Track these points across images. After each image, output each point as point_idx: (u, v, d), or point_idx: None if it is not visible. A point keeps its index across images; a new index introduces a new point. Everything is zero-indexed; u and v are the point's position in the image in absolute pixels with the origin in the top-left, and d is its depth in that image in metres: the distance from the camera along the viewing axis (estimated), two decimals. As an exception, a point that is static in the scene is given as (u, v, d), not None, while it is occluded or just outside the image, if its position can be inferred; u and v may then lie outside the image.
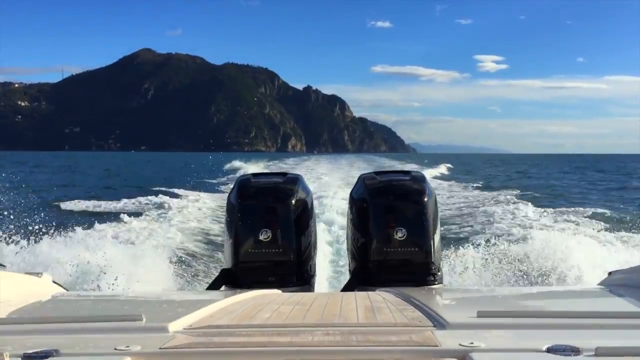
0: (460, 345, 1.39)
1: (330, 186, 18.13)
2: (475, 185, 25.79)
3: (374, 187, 3.60)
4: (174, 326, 1.64)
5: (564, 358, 1.29)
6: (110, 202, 17.03)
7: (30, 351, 1.35)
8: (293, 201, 3.57)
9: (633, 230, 10.48)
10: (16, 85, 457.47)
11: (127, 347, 1.40)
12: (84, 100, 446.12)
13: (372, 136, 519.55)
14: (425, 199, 3.48)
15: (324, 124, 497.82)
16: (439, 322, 1.69)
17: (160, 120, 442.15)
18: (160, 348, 1.41)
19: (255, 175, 3.85)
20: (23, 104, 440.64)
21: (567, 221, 12.47)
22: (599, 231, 10.88)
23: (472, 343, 1.39)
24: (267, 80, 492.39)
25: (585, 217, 13.27)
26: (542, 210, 14.26)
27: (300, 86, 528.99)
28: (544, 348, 1.34)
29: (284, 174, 3.87)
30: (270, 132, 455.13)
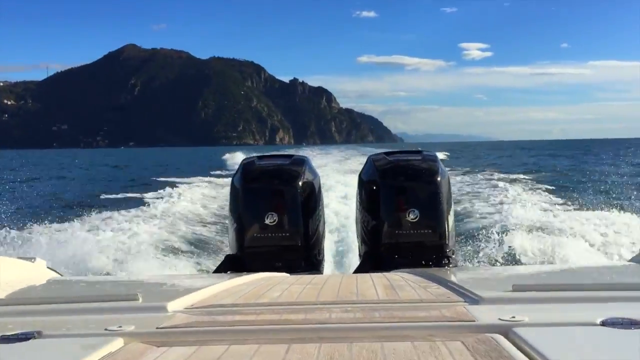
0: (500, 319, 1.27)
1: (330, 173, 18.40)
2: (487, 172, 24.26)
3: (383, 168, 3.45)
4: (173, 306, 1.54)
5: (623, 331, 1.18)
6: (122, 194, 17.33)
7: (10, 333, 1.27)
8: (300, 183, 3.41)
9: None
10: (1, 84, 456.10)
11: (120, 327, 1.30)
12: (70, 97, 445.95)
13: (359, 127, 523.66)
14: (438, 179, 3.35)
15: (311, 116, 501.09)
16: (470, 298, 1.56)
17: (147, 116, 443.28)
18: (157, 328, 1.31)
19: (260, 157, 3.68)
20: (9, 102, 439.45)
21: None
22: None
23: (513, 317, 1.28)
24: (254, 74, 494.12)
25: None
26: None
27: (286, 79, 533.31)
28: (598, 321, 1.23)
29: (289, 156, 3.70)
30: (258, 125, 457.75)
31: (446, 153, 42.65)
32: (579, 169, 28.90)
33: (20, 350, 1.20)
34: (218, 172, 27.32)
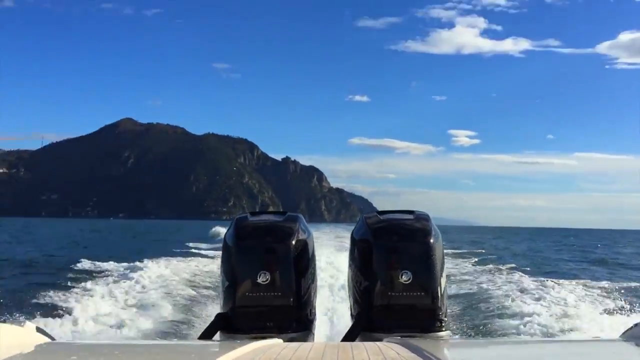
0: None
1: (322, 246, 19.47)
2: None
3: (376, 227, 3.43)
4: None
5: None
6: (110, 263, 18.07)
7: None
8: (293, 241, 3.38)
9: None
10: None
11: None
12: (63, 167, 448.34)
13: (348, 207, 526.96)
14: (432, 240, 3.32)
15: (302, 194, 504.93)
16: None
17: (139, 188, 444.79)
18: None
19: (253, 213, 3.66)
20: (1, 170, 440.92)
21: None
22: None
23: None
24: (247, 151, 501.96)
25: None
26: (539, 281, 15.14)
27: (279, 156, 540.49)
28: None
29: (283, 213, 3.68)
30: (248, 200, 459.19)
31: None
32: (529, 254, 33.37)
33: None
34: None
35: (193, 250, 26.29)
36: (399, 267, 3.23)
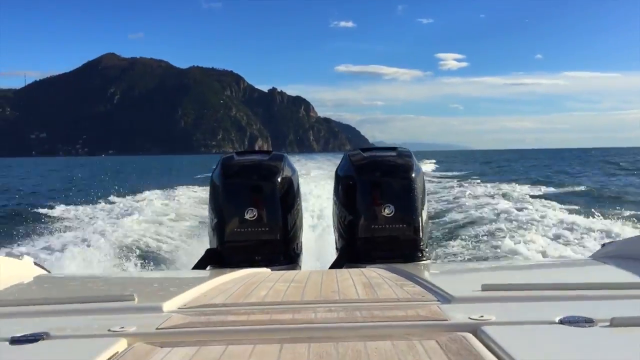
0: (470, 318, 1.38)
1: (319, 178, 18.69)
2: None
3: (360, 164, 3.53)
4: (168, 306, 1.60)
5: (578, 329, 1.28)
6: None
7: (19, 335, 1.31)
8: (279, 179, 3.47)
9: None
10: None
11: (122, 327, 1.36)
12: (49, 105, 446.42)
13: (336, 136, 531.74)
14: (413, 175, 3.43)
15: (290, 125, 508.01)
16: (442, 297, 1.66)
17: (127, 124, 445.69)
18: (157, 328, 1.38)
19: (238, 153, 3.71)
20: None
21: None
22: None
23: (482, 316, 1.38)
24: (233, 83, 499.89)
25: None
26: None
27: (265, 88, 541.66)
28: (557, 320, 1.34)
29: (268, 152, 3.75)
30: (237, 133, 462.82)
31: (434, 162, 43.06)
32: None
33: (32, 351, 1.24)
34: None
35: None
36: (382, 202, 3.33)
